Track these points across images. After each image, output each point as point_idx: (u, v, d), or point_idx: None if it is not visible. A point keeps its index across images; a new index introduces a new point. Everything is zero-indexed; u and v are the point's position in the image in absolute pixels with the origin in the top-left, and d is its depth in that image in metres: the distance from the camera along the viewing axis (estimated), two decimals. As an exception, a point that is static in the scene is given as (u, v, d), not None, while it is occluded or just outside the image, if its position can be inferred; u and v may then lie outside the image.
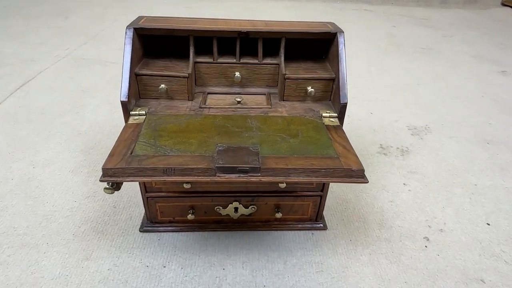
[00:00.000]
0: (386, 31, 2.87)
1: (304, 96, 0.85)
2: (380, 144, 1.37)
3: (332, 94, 0.85)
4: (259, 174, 0.64)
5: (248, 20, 0.88)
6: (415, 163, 1.27)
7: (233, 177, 0.64)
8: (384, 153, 1.32)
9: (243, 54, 0.87)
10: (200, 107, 0.82)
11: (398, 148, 1.35)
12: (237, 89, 0.88)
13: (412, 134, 1.44)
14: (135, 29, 0.79)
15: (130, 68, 0.76)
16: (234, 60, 0.85)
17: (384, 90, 1.83)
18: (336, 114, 0.81)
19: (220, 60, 0.85)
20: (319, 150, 0.70)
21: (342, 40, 0.80)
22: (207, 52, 0.88)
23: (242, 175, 0.64)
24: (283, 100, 0.85)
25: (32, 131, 1.35)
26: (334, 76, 0.83)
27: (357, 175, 0.65)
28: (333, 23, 0.87)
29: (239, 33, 0.82)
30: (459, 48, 2.56)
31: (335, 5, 3.67)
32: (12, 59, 1.99)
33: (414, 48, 2.52)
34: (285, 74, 0.82)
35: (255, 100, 0.86)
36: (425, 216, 1.04)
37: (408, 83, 1.94)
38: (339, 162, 0.67)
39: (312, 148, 0.70)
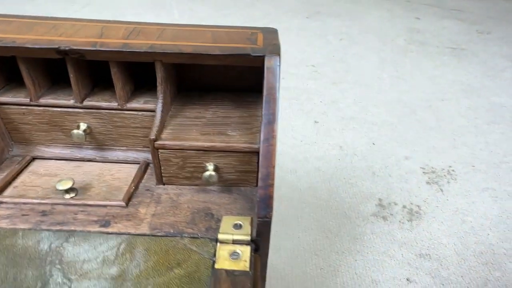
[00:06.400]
0: (408, 24, 2.38)
1: (202, 179, 0.44)
2: (379, 200, 0.94)
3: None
4: None
5: (113, 23, 0.48)
6: (428, 237, 0.85)
7: None
8: (382, 216, 0.90)
9: (102, 83, 0.47)
10: None
11: (405, 206, 0.92)
12: (90, 153, 0.48)
13: (428, 183, 1.01)
14: None
15: None
16: (72, 102, 0.46)
17: (395, 108, 1.39)
18: (248, 237, 0.38)
19: (45, 99, 0.46)
20: None
21: (277, 69, 0.39)
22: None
23: None
24: (163, 184, 0.45)
25: None
26: (256, 147, 0.42)
27: None
28: (273, 29, 0.46)
29: (58, 51, 0.42)
30: (497, 49, 2.06)
31: (350, -9, 3.17)
32: None
33: (441, 48, 2.03)
34: (154, 140, 0.42)
35: (113, 180, 0.46)
36: None
37: (429, 97, 1.48)
38: None
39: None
